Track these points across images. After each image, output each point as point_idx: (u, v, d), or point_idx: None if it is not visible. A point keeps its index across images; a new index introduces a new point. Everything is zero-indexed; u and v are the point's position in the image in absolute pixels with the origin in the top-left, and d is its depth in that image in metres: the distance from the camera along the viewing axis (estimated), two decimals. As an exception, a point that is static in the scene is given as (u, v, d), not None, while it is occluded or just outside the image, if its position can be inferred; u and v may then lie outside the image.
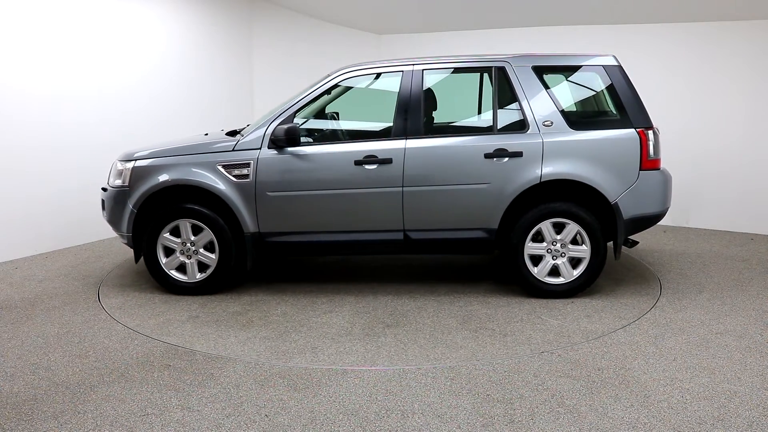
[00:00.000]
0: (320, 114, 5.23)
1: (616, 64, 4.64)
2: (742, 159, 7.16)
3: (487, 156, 4.53)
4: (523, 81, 4.63)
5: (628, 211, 4.51)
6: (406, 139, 4.62)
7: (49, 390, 3.23)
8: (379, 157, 4.58)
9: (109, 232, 6.66)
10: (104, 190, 4.95)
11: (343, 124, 5.41)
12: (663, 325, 4.14)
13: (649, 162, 4.52)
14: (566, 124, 4.55)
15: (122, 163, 4.84)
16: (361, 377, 3.36)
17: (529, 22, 8.13)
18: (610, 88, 4.64)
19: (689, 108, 7.39)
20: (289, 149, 4.64)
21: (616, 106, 4.61)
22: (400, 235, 4.67)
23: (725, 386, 3.24)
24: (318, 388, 3.24)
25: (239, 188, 4.64)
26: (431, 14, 8.36)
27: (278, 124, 4.65)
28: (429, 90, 4.96)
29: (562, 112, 4.59)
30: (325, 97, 5.01)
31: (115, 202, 4.79)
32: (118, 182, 4.80)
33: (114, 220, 4.83)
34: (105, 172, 6.44)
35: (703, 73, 7.31)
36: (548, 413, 2.97)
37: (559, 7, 7.52)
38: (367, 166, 4.58)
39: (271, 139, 4.64)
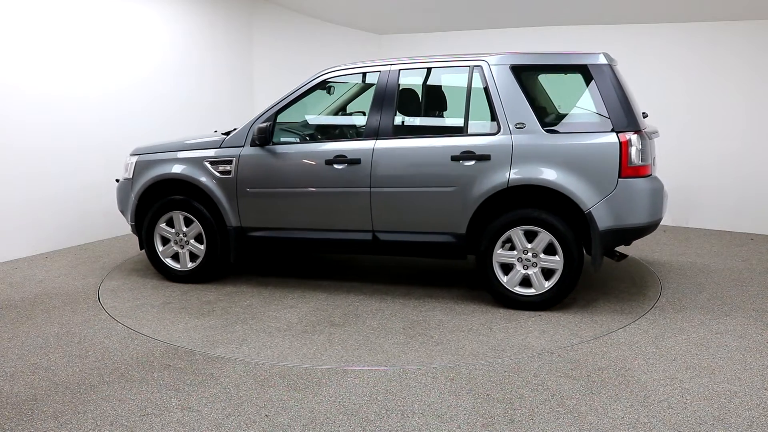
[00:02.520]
0: (340, 112, 5.38)
1: (602, 62, 4.25)
2: (742, 159, 7.16)
3: (454, 158, 4.36)
4: (498, 81, 4.38)
5: (604, 221, 4.14)
6: (376, 139, 4.58)
7: (49, 390, 3.23)
8: (349, 157, 4.59)
9: (109, 232, 6.69)
10: (117, 181, 5.39)
11: (325, 124, 5.47)
12: (663, 325, 4.14)
13: (630, 169, 4.12)
14: (540, 126, 4.27)
15: (130, 156, 5.27)
16: (361, 377, 3.36)
17: (529, 22, 8.13)
18: (592, 89, 4.28)
19: (689, 108, 7.39)
20: (269, 147, 4.79)
21: (597, 107, 4.27)
22: (369, 236, 4.66)
23: (725, 386, 3.24)
24: (318, 388, 3.24)
25: (223, 184, 4.88)
26: (431, 14, 8.36)
27: (259, 123, 4.80)
28: (426, 90, 4.91)
29: (538, 113, 4.33)
30: (343, 96, 5.10)
31: (123, 193, 5.25)
32: (126, 174, 5.24)
33: (123, 209, 5.30)
34: (105, 172, 6.52)
35: (703, 73, 7.31)
36: (548, 413, 2.97)
37: (559, 7, 7.52)
38: (337, 166, 4.62)
39: (252, 138, 4.80)
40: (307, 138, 5.07)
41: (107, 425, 2.88)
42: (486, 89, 4.41)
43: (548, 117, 4.42)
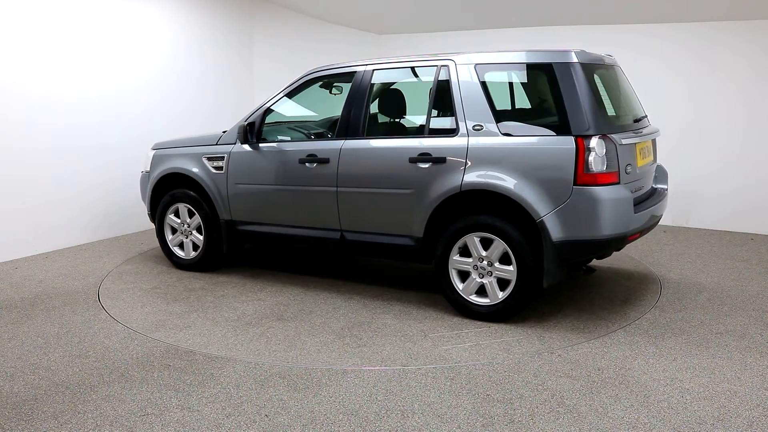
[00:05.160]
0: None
1: (570, 61, 3.93)
2: (742, 159, 7.16)
3: (412, 160, 4.26)
4: (462, 81, 4.19)
5: (558, 232, 3.84)
6: (345, 139, 4.59)
7: (49, 390, 3.23)
8: (319, 156, 4.65)
9: (109, 232, 6.69)
10: (142, 173, 5.75)
11: (308, 123, 5.54)
12: (663, 325, 4.14)
13: (587, 176, 3.77)
14: (497, 128, 4.04)
15: (150, 150, 5.65)
16: (361, 377, 3.36)
17: (529, 22, 8.12)
18: (555, 88, 3.96)
19: (689, 108, 7.39)
20: (255, 145, 4.97)
21: (557, 108, 3.95)
22: (337, 235, 4.71)
23: (725, 386, 3.24)
24: (318, 388, 3.24)
25: (216, 178, 5.13)
26: (431, 14, 8.36)
27: (241, 122, 5.01)
28: (395, 90, 4.90)
29: (496, 115, 4.09)
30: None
31: (143, 184, 5.69)
32: (146, 167, 5.63)
33: (143, 199, 5.70)
34: (106, 173, 6.55)
35: (703, 73, 7.30)
36: (548, 413, 2.97)
37: (559, 7, 7.52)
38: (308, 165, 4.69)
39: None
40: (306, 135, 5.13)
41: (107, 425, 2.88)
42: (449, 89, 4.26)
43: (505, 118, 4.14)
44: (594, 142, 3.78)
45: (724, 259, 5.90)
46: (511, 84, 4.59)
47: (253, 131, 4.95)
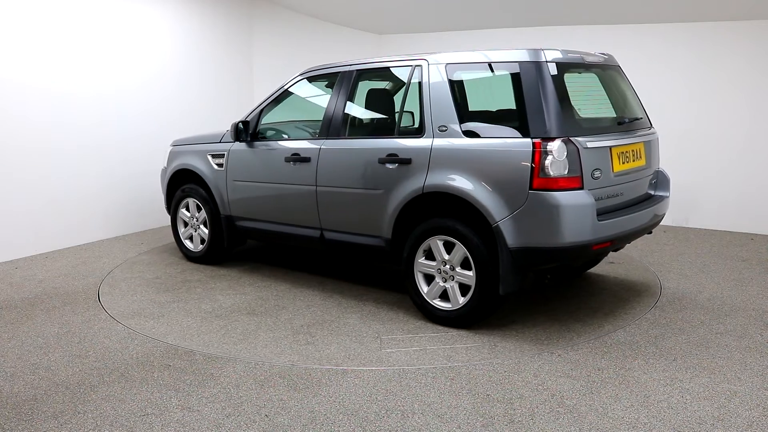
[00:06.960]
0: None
1: (536, 60, 3.77)
2: (742, 159, 7.16)
3: (381, 161, 4.25)
4: (432, 81, 4.13)
5: (515, 238, 3.68)
6: (326, 138, 4.64)
7: (49, 390, 3.23)
8: (301, 155, 4.72)
9: (109, 232, 6.68)
10: (162, 168, 6.00)
11: (299, 123, 5.60)
12: (663, 325, 4.14)
13: (542, 180, 3.60)
14: (460, 129, 3.95)
15: (169, 146, 5.90)
16: (361, 377, 3.37)
17: (529, 22, 8.12)
18: (518, 89, 3.83)
19: (689, 108, 7.39)
20: (250, 143, 5.11)
21: (519, 109, 3.81)
22: (317, 233, 4.77)
23: (725, 386, 3.24)
24: (318, 388, 3.24)
25: (217, 175, 5.33)
26: (431, 14, 8.36)
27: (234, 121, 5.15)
28: (374, 90, 4.86)
29: (461, 115, 4.01)
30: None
31: (162, 178, 5.96)
32: (164, 163, 5.88)
33: (163, 192, 5.98)
34: (104, 173, 6.56)
35: (703, 73, 7.30)
36: (548, 413, 2.97)
37: (559, 7, 7.52)
38: (292, 163, 4.79)
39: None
40: (311, 135, 5.12)
41: (107, 425, 2.88)
42: (420, 89, 4.20)
43: (468, 119, 4.06)
44: (551, 145, 3.60)
45: (724, 259, 5.90)
46: (480, 84, 4.49)
47: (247, 130, 5.06)
